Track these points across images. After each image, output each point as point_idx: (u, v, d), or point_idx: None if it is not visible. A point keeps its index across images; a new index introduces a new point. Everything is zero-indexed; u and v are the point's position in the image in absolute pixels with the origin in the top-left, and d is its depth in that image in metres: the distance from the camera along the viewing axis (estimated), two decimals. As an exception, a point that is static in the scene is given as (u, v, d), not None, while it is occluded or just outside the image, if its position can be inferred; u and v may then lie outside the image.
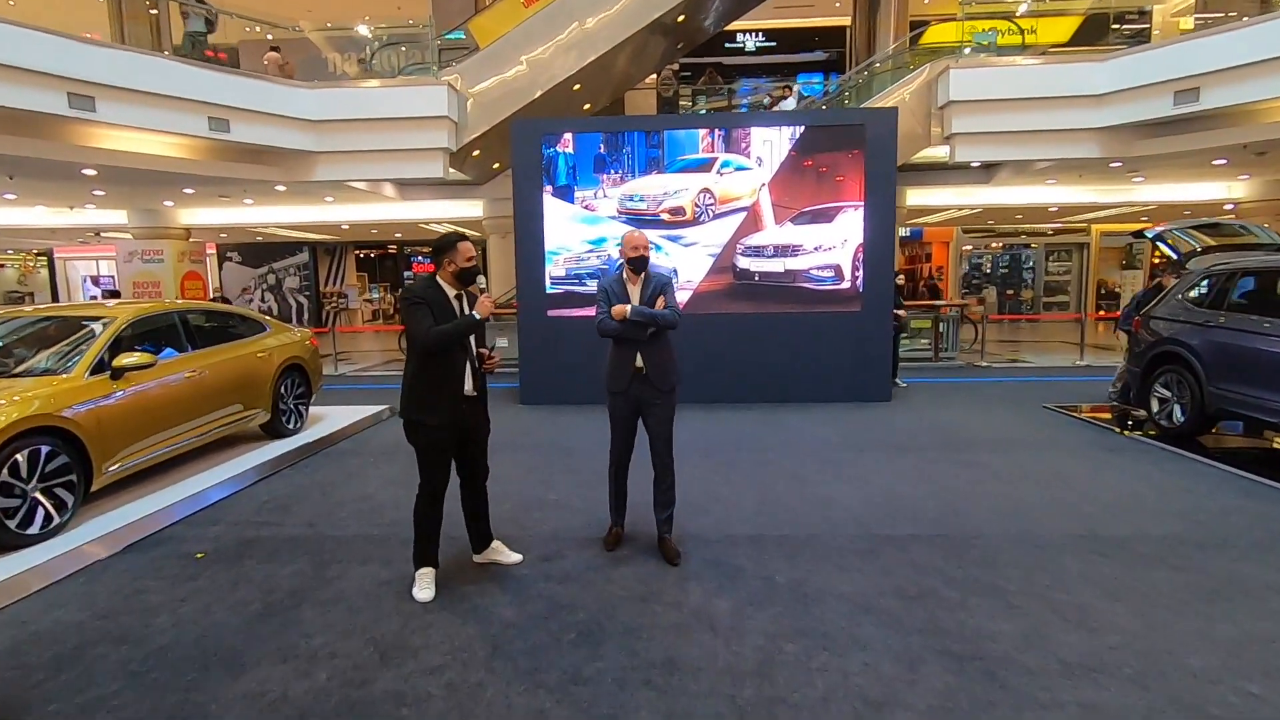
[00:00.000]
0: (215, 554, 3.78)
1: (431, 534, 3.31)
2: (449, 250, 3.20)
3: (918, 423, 6.72)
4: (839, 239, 7.71)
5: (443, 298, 3.19)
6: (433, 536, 3.32)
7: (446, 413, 3.19)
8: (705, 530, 3.99)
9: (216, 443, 5.71)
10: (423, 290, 3.17)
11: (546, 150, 7.75)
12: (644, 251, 3.65)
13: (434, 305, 3.14)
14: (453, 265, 3.20)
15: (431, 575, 3.30)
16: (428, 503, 3.27)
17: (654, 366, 3.59)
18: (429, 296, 3.14)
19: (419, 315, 3.10)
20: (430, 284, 3.21)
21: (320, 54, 15.49)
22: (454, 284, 3.23)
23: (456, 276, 3.21)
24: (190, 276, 15.49)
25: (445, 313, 3.16)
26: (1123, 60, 9.89)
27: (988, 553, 3.60)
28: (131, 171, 10.03)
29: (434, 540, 3.33)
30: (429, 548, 3.32)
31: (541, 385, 8.01)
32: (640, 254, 3.64)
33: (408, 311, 3.13)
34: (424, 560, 3.31)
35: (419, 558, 3.31)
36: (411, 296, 3.15)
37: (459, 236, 3.22)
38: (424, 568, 3.30)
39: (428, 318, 3.12)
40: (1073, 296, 20.33)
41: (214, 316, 5.91)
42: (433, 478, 3.25)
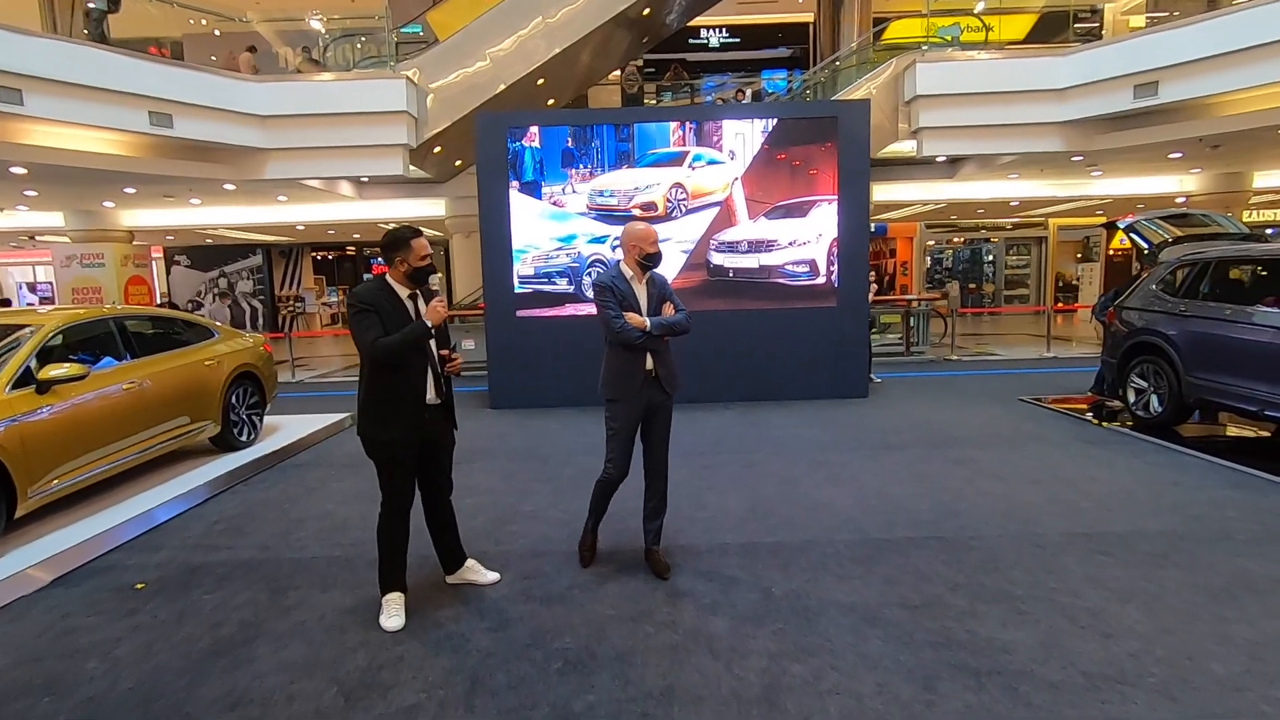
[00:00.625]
0: (158, 584, 3.42)
1: (398, 555, 3.03)
2: (401, 247, 2.88)
3: (900, 419, 6.62)
4: (813, 233, 7.58)
5: (395, 301, 2.90)
6: (400, 558, 3.04)
7: (408, 425, 2.91)
8: (694, 540, 3.78)
9: (163, 458, 5.29)
10: (371, 295, 2.86)
11: (512, 144, 7.45)
12: (660, 247, 3.38)
13: (384, 311, 2.84)
14: (405, 264, 2.89)
15: (401, 601, 3.01)
16: (393, 521, 2.99)
17: (665, 368, 3.35)
18: (378, 301, 2.85)
19: (366, 324, 2.80)
20: (380, 286, 2.91)
21: (270, 48, 14.90)
22: (406, 284, 2.94)
23: (409, 276, 2.92)
24: (134, 281, 14.73)
25: (398, 318, 2.87)
26: (1084, 55, 10.00)
27: (989, 555, 3.46)
28: (67, 170, 9.41)
29: (401, 562, 3.05)
30: (396, 571, 3.04)
31: (511, 389, 7.72)
32: (659, 250, 3.36)
33: (354, 320, 2.82)
34: (391, 584, 3.03)
35: (386, 582, 3.02)
36: (358, 302, 2.84)
37: (413, 232, 2.91)
38: (392, 593, 3.02)
39: (376, 326, 2.82)
40: (1032, 289, 20.72)
41: (156, 323, 5.49)
42: (396, 494, 2.97)
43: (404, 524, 3.01)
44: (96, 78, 8.32)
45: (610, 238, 7.53)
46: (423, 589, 3.26)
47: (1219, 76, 8.83)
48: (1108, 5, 16.84)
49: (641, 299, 3.36)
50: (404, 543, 3.04)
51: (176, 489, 4.81)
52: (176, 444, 5.11)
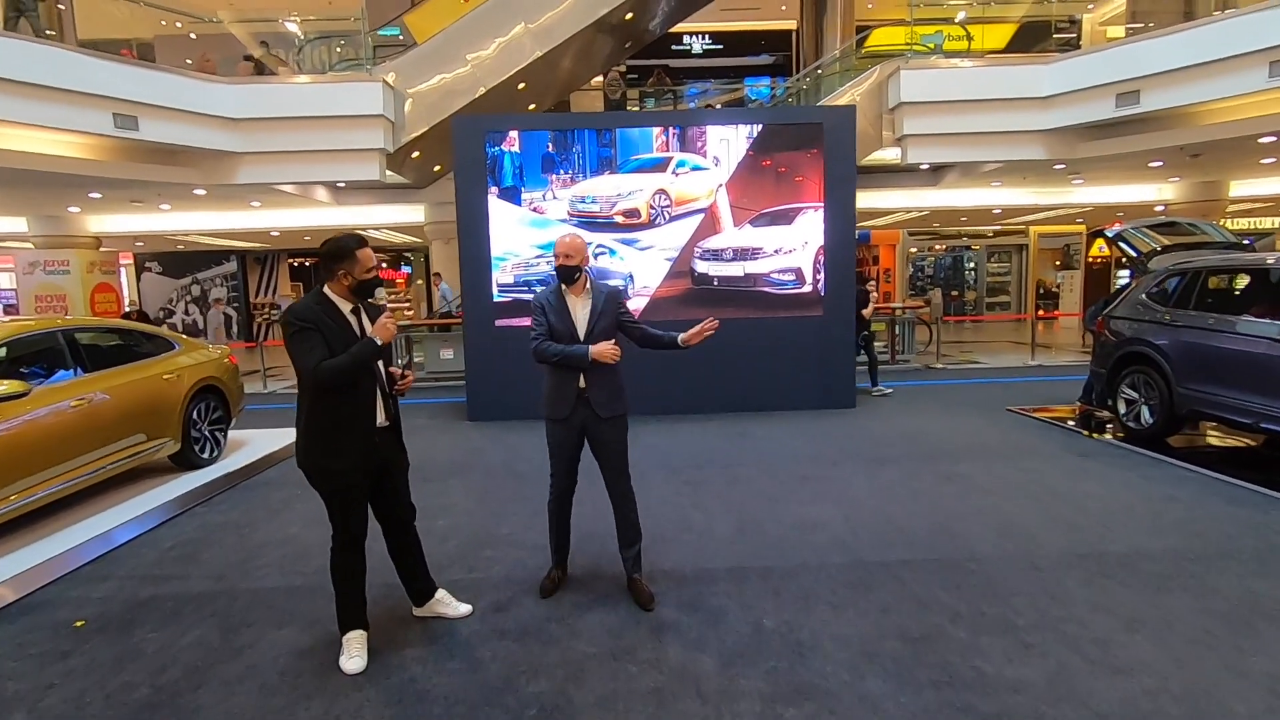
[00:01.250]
0: (98, 621, 3.16)
1: (355, 591, 2.79)
2: (345, 257, 2.62)
3: (888, 431, 6.48)
4: (799, 241, 7.45)
5: (336, 317, 2.64)
6: (358, 594, 2.80)
7: (357, 452, 2.67)
8: (679, 564, 3.58)
9: (119, 478, 5.00)
10: (310, 311, 2.59)
11: (491, 149, 7.24)
12: (576, 260, 3.10)
13: (325, 328, 2.58)
14: (349, 277, 2.64)
15: (363, 640, 2.78)
16: (346, 556, 2.74)
17: (600, 390, 3.13)
18: (317, 318, 2.58)
19: (308, 344, 2.53)
20: (319, 301, 2.64)
21: (245, 50, 14.57)
22: (349, 298, 2.69)
23: (354, 290, 2.67)
24: (101, 289, 14.24)
25: (341, 335, 2.61)
26: (1067, 63, 10.00)
27: (989, 579, 3.30)
28: (26, 173, 9.03)
29: (360, 598, 2.81)
30: (355, 608, 2.79)
31: (490, 400, 7.48)
32: (569, 263, 3.08)
33: (293, 340, 2.55)
34: (351, 622, 2.78)
35: (345, 620, 2.78)
36: (297, 321, 2.54)
37: (357, 241, 2.67)
38: (352, 631, 2.77)
39: (319, 347, 2.55)
40: (1013, 296, 20.83)
41: (111, 335, 5.20)
42: (347, 525, 2.72)
43: (359, 557, 2.78)
44: (56, 77, 7.98)
45: (592, 245, 7.33)
46: (389, 622, 3.03)
47: (1199, 86, 8.85)
48: (1086, 16, 17.02)
49: (578, 314, 3.16)
50: (361, 577, 2.80)
51: (130, 512, 4.53)
52: (132, 463, 4.83)
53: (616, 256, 7.37)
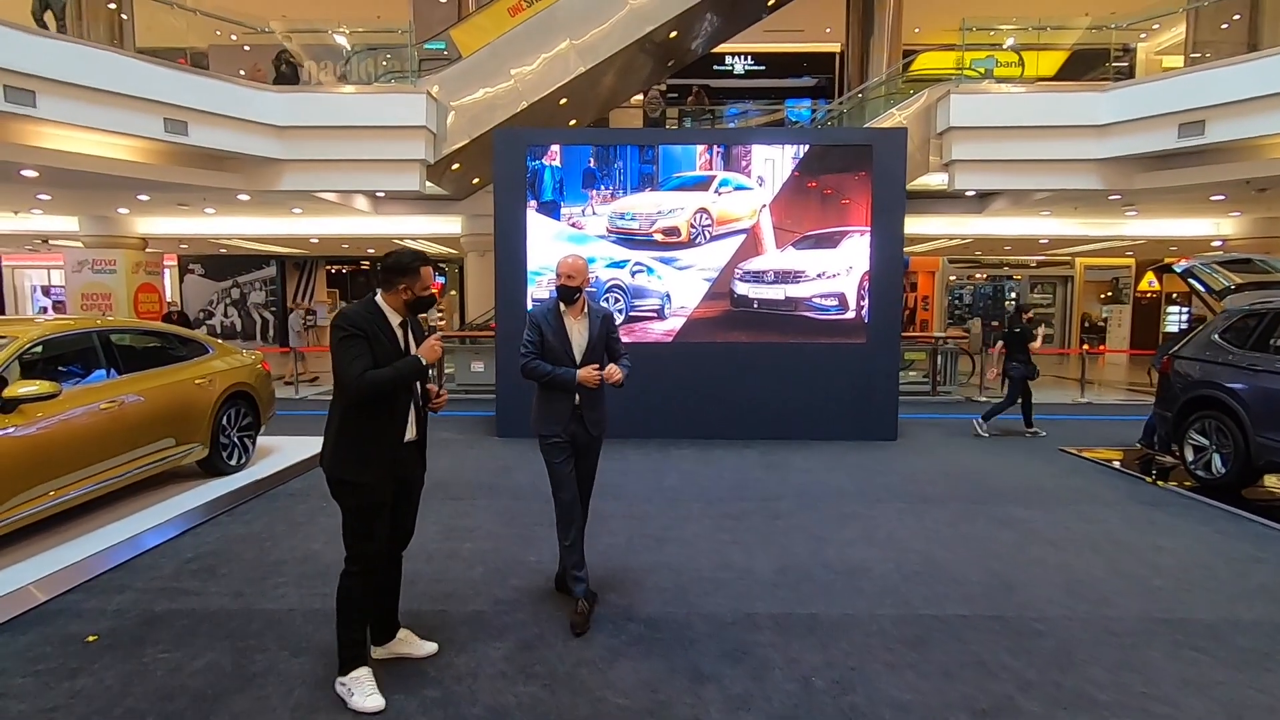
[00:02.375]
0: (111, 636, 3.03)
1: (364, 623, 2.64)
2: (409, 273, 2.60)
3: (933, 467, 6.17)
4: (844, 266, 7.21)
5: (386, 328, 2.59)
6: (364, 626, 2.64)
7: (385, 467, 2.58)
8: (720, 607, 3.34)
9: (144, 482, 4.93)
10: (362, 318, 2.54)
11: (531, 162, 7.15)
12: (578, 280, 3.16)
13: (374, 338, 2.53)
14: (409, 292, 2.61)
15: (371, 675, 2.58)
16: (363, 581, 2.58)
17: (593, 410, 3.23)
18: (368, 327, 2.53)
19: (355, 351, 2.47)
20: (371, 309, 2.59)
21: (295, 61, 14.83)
22: (401, 311, 2.64)
23: (409, 305, 2.64)
24: (145, 289, 14.53)
25: (388, 347, 2.56)
26: (1126, 91, 9.65)
27: (1060, 644, 3.00)
28: (79, 174, 9.22)
29: (365, 631, 2.65)
30: (361, 639, 2.62)
31: (521, 416, 7.23)
32: (570, 284, 3.14)
33: (341, 345, 2.48)
34: (359, 658, 2.59)
35: (351, 655, 2.58)
36: (348, 325, 2.50)
37: (422, 259, 2.64)
38: (359, 669, 2.58)
39: (365, 355, 2.48)
40: (1057, 329, 20.20)
41: (146, 337, 5.16)
42: (366, 549, 2.58)
43: (374, 586, 2.63)
44: (111, 82, 8.14)
45: (630, 263, 7.19)
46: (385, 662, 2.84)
47: (1269, 117, 8.45)
48: (1140, 44, 16.57)
49: (576, 338, 3.20)
50: (371, 607, 2.66)
51: (152, 519, 4.43)
52: (160, 468, 4.75)
53: (654, 275, 7.21)
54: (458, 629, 3.10)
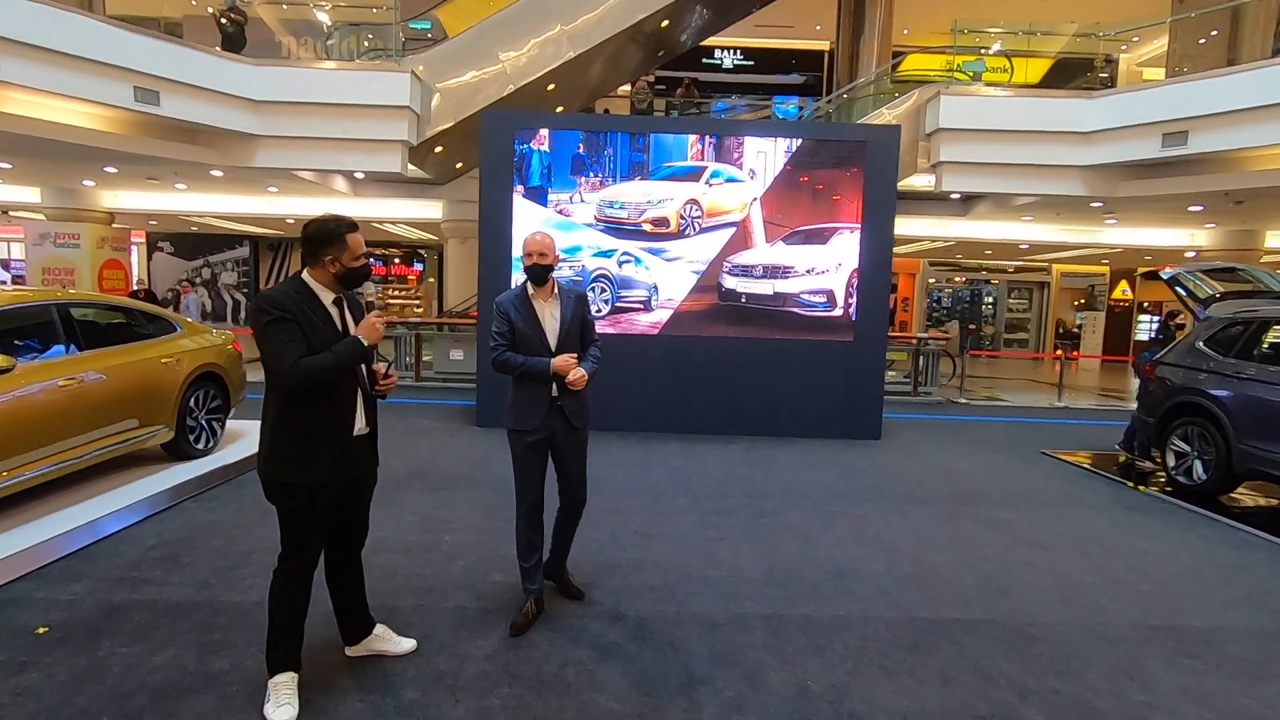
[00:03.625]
0: (64, 628, 2.83)
1: (295, 627, 2.40)
2: (334, 242, 2.31)
3: (918, 467, 6.14)
4: (833, 262, 7.14)
5: (318, 308, 2.32)
6: (299, 628, 2.41)
7: (328, 466, 2.32)
8: (710, 606, 3.24)
9: (105, 464, 4.69)
10: (287, 298, 2.26)
11: (519, 146, 6.97)
12: (549, 259, 2.94)
13: (304, 320, 2.25)
14: (336, 264, 2.33)
15: (294, 684, 2.37)
16: (295, 583, 2.36)
17: (574, 400, 3.02)
18: (296, 308, 2.25)
19: (284, 337, 2.19)
20: (298, 288, 2.31)
21: (274, 37, 14.43)
22: (333, 287, 2.38)
23: (339, 279, 2.37)
24: (110, 265, 14.05)
25: (322, 330, 2.29)
26: (1113, 99, 9.73)
27: (1056, 650, 2.95)
28: (42, 142, 8.78)
29: (299, 636, 2.42)
30: (293, 645, 2.40)
31: (502, 406, 7.12)
32: (542, 262, 2.92)
33: (266, 332, 2.21)
34: (284, 662, 2.37)
35: (278, 659, 2.37)
36: (271, 307, 2.21)
37: (349, 225, 2.35)
38: (283, 673, 2.36)
39: (297, 341, 2.22)
40: (1032, 334, 20.49)
41: (110, 312, 4.91)
42: (303, 551, 2.35)
43: (307, 587, 2.40)
44: (79, 46, 7.76)
45: (617, 253, 7.05)
46: (331, 657, 2.69)
47: (1251, 130, 8.56)
48: (1123, 55, 16.79)
49: (548, 321, 2.99)
50: (304, 610, 2.42)
51: (114, 503, 4.20)
52: (122, 450, 4.51)
53: (642, 266, 7.08)
54: (438, 626, 2.96)
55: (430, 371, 10.28)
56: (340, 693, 2.45)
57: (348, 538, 2.56)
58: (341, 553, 2.57)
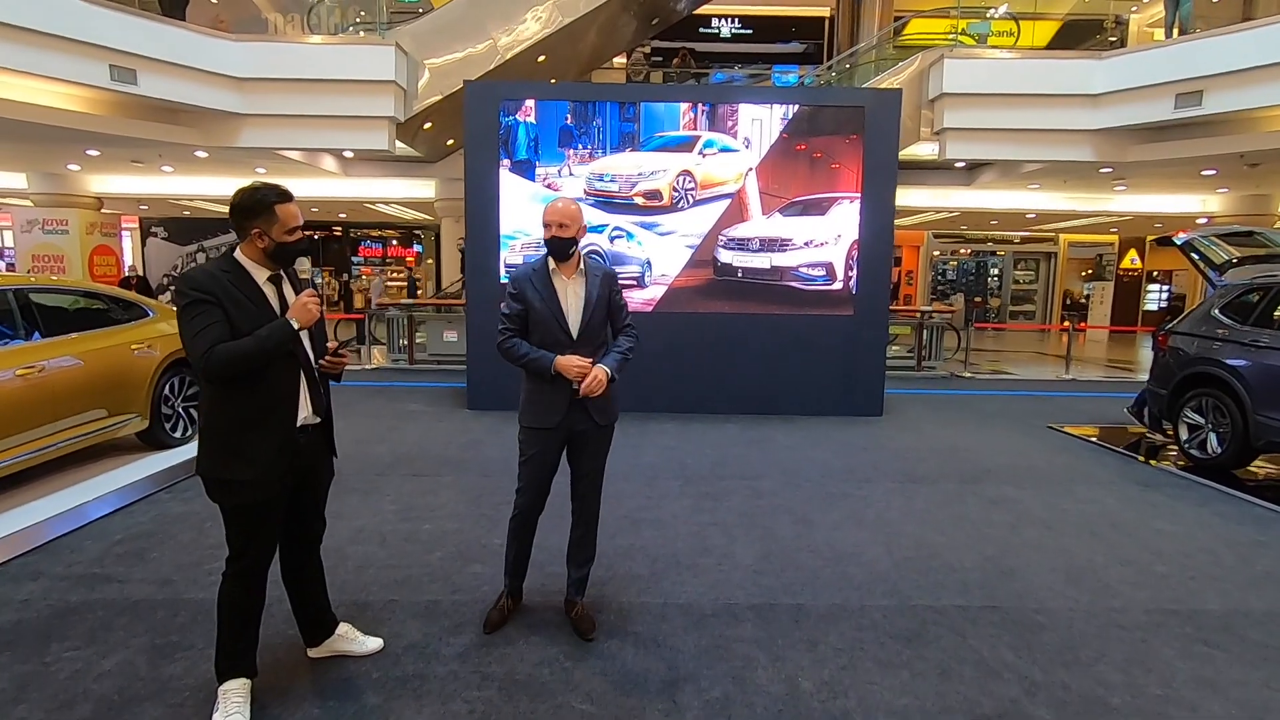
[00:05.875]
0: (14, 631, 2.68)
1: (247, 629, 2.23)
2: (261, 213, 2.08)
3: (920, 444, 5.95)
4: (832, 234, 6.89)
5: (247, 288, 2.09)
6: (251, 633, 2.24)
7: (272, 458, 2.11)
8: (698, 596, 3.07)
9: (77, 454, 4.54)
10: (210, 279, 2.03)
11: (505, 118, 6.71)
12: (571, 230, 2.51)
13: (230, 302, 2.03)
14: (265, 239, 2.09)
15: (246, 691, 2.21)
16: (245, 585, 2.19)
17: (597, 397, 2.58)
18: (221, 289, 2.03)
19: (201, 321, 1.98)
20: (227, 267, 2.09)
21: (259, 14, 14.08)
22: (266, 264, 2.15)
23: (271, 255, 2.13)
24: (101, 250, 13.87)
25: (251, 311, 2.07)
26: (1123, 59, 9.36)
27: (1064, 638, 2.78)
28: (18, 125, 8.56)
29: (252, 638, 2.25)
30: (244, 650, 2.23)
31: (492, 389, 6.96)
32: (564, 234, 2.50)
33: (185, 315, 2.00)
34: (235, 668, 2.21)
35: (228, 664, 2.21)
36: (191, 288, 2.00)
37: (278, 193, 2.12)
38: (234, 680, 2.20)
39: (218, 325, 1.99)
40: (1039, 306, 20.16)
41: (76, 298, 4.72)
42: (249, 552, 2.17)
43: (258, 589, 2.22)
44: (47, 22, 7.49)
45: (609, 227, 6.81)
46: (317, 666, 2.53)
47: (1269, 88, 8.22)
48: (1133, 16, 16.27)
49: (570, 301, 2.58)
50: (257, 614, 2.25)
51: (80, 496, 4.06)
52: (88, 441, 4.37)
53: (634, 241, 6.84)
54: (408, 622, 2.80)
55: (423, 354, 10.10)
56: (297, 699, 2.29)
57: (302, 536, 2.38)
58: (296, 552, 2.40)
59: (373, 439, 5.68)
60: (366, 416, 6.52)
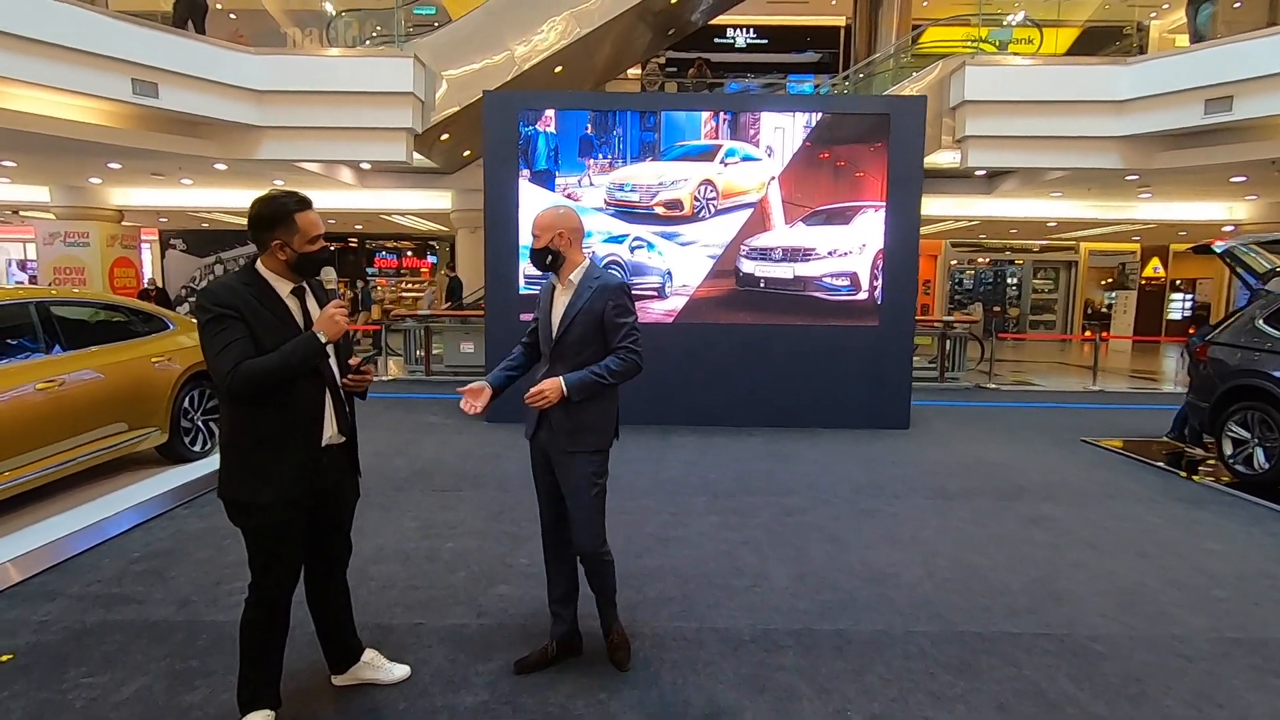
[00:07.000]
0: (30, 654, 2.60)
1: (269, 661, 2.15)
2: (281, 223, 1.98)
3: (950, 458, 5.79)
4: (856, 243, 6.77)
5: (272, 302, 2.02)
6: (274, 662, 2.16)
7: (292, 482, 2.02)
8: (735, 621, 2.94)
9: (97, 468, 4.48)
10: (232, 293, 1.95)
11: (524, 128, 6.66)
12: (544, 240, 2.40)
13: (254, 317, 1.95)
14: (287, 250, 2.01)
15: None
16: (268, 614, 2.11)
17: (559, 413, 2.40)
18: (243, 303, 1.94)
19: (225, 338, 1.90)
20: (249, 280, 2.01)
21: (277, 28, 14.23)
22: (288, 276, 2.06)
23: (293, 266, 2.04)
24: (121, 263, 13.99)
25: (276, 326, 1.99)
26: (1150, 64, 9.20)
27: (1126, 668, 2.63)
28: (42, 138, 8.65)
29: (275, 669, 2.17)
30: (267, 680, 2.15)
31: (512, 401, 6.83)
32: (535, 245, 2.42)
33: (207, 332, 1.91)
34: (257, 699, 2.13)
35: (250, 695, 2.13)
36: (213, 303, 1.92)
37: (298, 202, 2.02)
38: (257, 712, 2.12)
39: (242, 341, 1.90)
40: (1059, 315, 19.87)
41: (96, 310, 4.69)
42: (271, 578, 2.08)
43: (281, 618, 2.14)
44: (72, 37, 7.55)
45: (629, 238, 6.73)
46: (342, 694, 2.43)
47: (1300, 93, 8.03)
48: (1154, 22, 16.08)
49: (556, 315, 2.46)
50: (280, 643, 2.16)
51: (102, 510, 4.01)
52: (108, 455, 4.31)
53: (655, 251, 6.76)
54: (434, 647, 2.69)
55: (441, 365, 10.05)
56: (321, 730, 2.19)
57: (327, 559, 2.29)
58: (322, 575, 2.30)
59: (391, 452, 5.60)
60: (384, 429, 6.44)
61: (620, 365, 2.38)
